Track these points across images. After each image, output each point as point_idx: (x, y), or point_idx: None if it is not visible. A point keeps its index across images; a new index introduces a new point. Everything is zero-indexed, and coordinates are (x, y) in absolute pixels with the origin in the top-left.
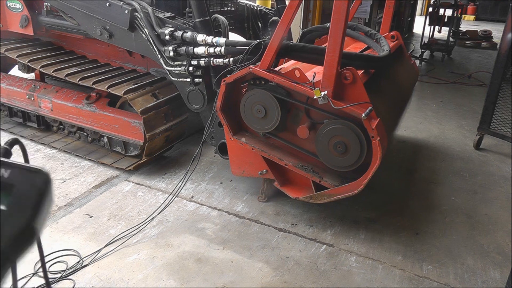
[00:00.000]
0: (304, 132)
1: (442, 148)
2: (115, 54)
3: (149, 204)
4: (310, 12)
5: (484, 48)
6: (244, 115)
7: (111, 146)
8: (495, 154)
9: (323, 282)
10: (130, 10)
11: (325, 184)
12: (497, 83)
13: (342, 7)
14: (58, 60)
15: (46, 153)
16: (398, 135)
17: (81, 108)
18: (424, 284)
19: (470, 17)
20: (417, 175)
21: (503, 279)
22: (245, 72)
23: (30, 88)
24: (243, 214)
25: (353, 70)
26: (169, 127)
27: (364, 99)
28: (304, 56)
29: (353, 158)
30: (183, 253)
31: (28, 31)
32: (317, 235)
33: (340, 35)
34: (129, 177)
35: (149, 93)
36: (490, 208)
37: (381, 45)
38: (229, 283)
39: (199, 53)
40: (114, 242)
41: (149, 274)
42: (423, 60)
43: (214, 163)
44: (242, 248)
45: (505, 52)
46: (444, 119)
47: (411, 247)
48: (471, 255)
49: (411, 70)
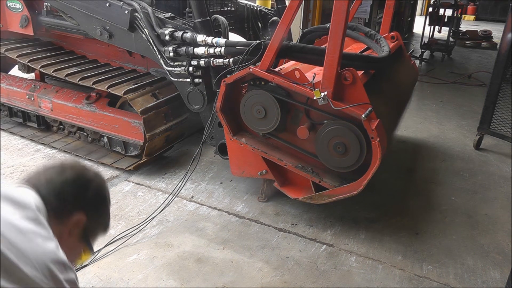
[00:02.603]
0: (304, 133)
1: (442, 148)
2: (115, 54)
3: (149, 204)
4: (310, 13)
5: (484, 48)
6: (244, 116)
7: (111, 146)
8: (495, 154)
9: (323, 282)
10: (130, 11)
11: (325, 184)
12: (497, 83)
13: (342, 7)
14: (58, 60)
15: (46, 153)
16: (398, 135)
17: (81, 108)
18: (424, 284)
19: (470, 17)
20: (417, 175)
21: (503, 279)
22: (245, 73)
23: (30, 88)
24: (243, 214)
25: (353, 71)
26: (169, 127)
27: (364, 100)
28: (304, 56)
29: (353, 158)
30: (183, 253)
31: (28, 31)
32: (317, 235)
33: (340, 36)
34: (129, 177)
35: (149, 93)
36: (490, 208)
37: (381, 46)
38: (229, 283)
39: (199, 54)
40: (114, 242)
41: (149, 274)
42: (423, 60)
43: (214, 163)
44: (242, 248)
45: (505, 52)
46: (444, 119)
47: (411, 247)
48: (471, 255)
49: (411, 70)
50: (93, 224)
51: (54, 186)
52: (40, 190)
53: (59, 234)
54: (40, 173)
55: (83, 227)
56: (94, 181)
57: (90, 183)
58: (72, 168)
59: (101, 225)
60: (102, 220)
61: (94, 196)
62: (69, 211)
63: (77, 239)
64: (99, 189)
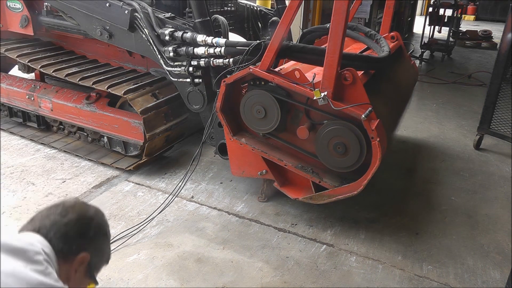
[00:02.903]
0: (304, 133)
1: (442, 148)
2: (115, 54)
3: (149, 204)
4: (310, 13)
5: (484, 48)
6: (244, 116)
7: (111, 146)
8: (495, 154)
9: (323, 282)
10: (130, 11)
11: (325, 184)
12: (497, 83)
13: (342, 7)
14: (58, 60)
15: (46, 153)
16: (398, 135)
17: (81, 108)
18: (424, 284)
19: (470, 17)
20: (417, 175)
21: (503, 279)
22: (245, 73)
23: (30, 88)
24: (243, 214)
25: (353, 71)
26: (169, 127)
27: (364, 100)
28: (304, 56)
29: (353, 159)
30: (183, 253)
31: (28, 31)
32: (317, 235)
33: (340, 36)
34: (129, 177)
35: (149, 93)
36: (490, 208)
37: (381, 46)
38: (229, 283)
39: (199, 54)
40: (114, 242)
41: (149, 274)
42: (423, 60)
43: (214, 163)
44: (242, 248)
45: (505, 52)
46: (444, 119)
47: (411, 247)
48: (471, 255)
49: (411, 70)
50: (96, 259)
51: (58, 228)
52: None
53: (66, 274)
54: (43, 215)
55: (87, 264)
56: (95, 219)
57: (92, 221)
58: (73, 208)
59: (104, 258)
60: (104, 254)
61: (96, 234)
62: (74, 252)
63: (82, 275)
64: (100, 226)
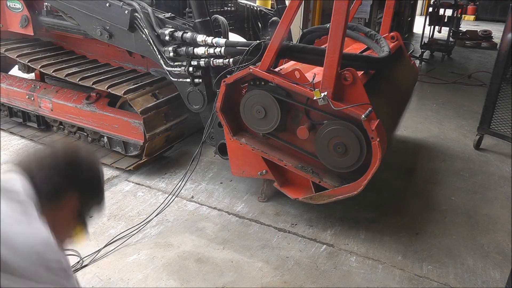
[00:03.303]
0: (304, 133)
1: (442, 148)
2: (115, 54)
3: (149, 204)
4: (310, 13)
5: (484, 48)
6: (244, 116)
7: (111, 146)
8: (495, 154)
9: (323, 282)
10: (130, 11)
11: (325, 185)
12: (497, 83)
13: (342, 7)
14: (58, 60)
15: None
16: (398, 135)
17: (81, 108)
18: (424, 284)
19: (470, 17)
20: (417, 175)
21: (503, 279)
22: (245, 73)
23: (30, 88)
24: (243, 214)
25: (353, 71)
26: (169, 127)
27: (364, 100)
28: (304, 56)
29: (353, 159)
30: (183, 253)
31: (28, 31)
32: (317, 235)
33: (340, 36)
34: (129, 177)
35: (149, 93)
36: (490, 208)
37: (381, 46)
38: (229, 283)
39: (199, 54)
40: (114, 242)
41: (149, 274)
42: (423, 60)
43: (214, 163)
44: (242, 248)
45: (505, 52)
46: (444, 119)
47: (411, 247)
48: (471, 255)
49: (411, 70)
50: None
51: (45, 171)
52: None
53: (52, 217)
54: (31, 157)
55: (77, 205)
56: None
57: (82, 164)
58: (63, 152)
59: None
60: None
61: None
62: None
63: (71, 218)
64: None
